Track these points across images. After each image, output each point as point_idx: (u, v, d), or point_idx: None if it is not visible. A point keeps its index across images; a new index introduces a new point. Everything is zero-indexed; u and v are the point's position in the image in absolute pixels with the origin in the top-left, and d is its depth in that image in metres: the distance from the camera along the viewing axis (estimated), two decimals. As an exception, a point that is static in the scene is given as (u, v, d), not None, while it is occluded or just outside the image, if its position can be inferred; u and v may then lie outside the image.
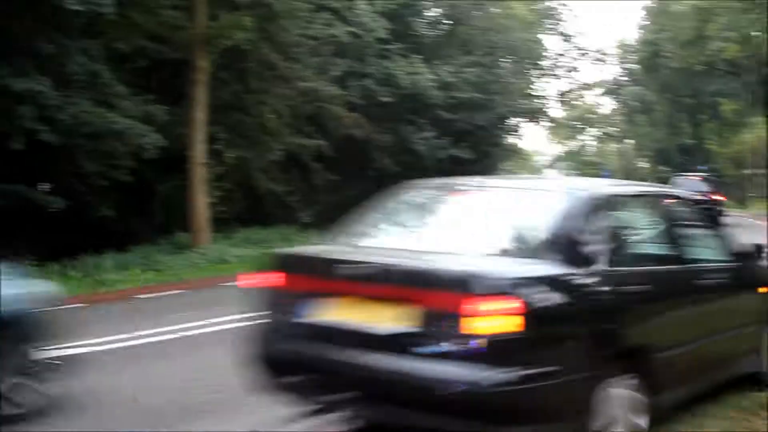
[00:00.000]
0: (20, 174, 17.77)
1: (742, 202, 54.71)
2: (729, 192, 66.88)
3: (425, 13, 37.71)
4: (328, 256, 5.77)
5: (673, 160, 72.70)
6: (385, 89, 30.90)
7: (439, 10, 38.08)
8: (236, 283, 16.38)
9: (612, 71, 72.24)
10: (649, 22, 60.19)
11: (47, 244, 18.35)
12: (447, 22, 38.56)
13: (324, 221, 28.88)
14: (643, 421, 5.55)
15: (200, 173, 21.34)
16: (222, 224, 23.62)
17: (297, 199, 27.37)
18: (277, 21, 24.29)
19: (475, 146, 35.85)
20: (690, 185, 29.34)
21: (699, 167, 63.28)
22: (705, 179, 34.82)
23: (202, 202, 21.38)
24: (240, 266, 19.68)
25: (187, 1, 21.44)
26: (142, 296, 14.87)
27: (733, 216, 30.50)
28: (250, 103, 24.77)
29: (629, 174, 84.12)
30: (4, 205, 16.80)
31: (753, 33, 43.72)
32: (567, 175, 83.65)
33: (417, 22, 36.10)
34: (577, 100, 73.62)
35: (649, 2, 60.25)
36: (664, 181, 29.77)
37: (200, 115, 21.31)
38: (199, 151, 21.32)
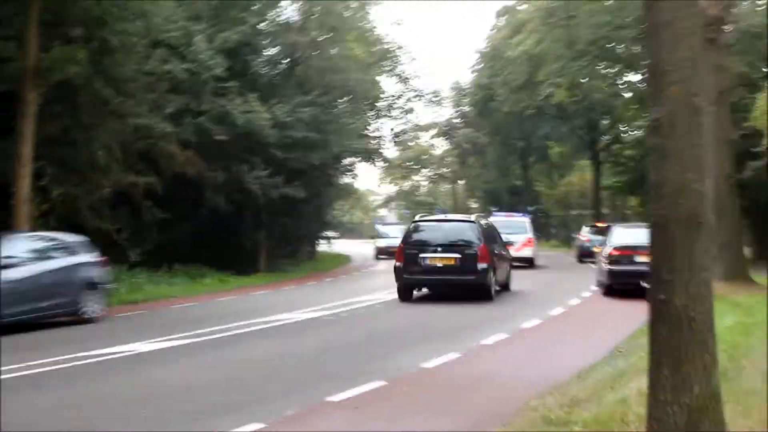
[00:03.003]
0: None
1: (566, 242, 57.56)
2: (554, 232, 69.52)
3: (264, 52, 37.71)
4: None
5: (503, 200, 75.33)
6: (220, 127, 30.63)
7: (278, 49, 38.15)
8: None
9: (446, 113, 74.14)
10: (482, 66, 62.29)
11: None
12: (285, 61, 38.69)
13: (155, 259, 28.41)
14: None
15: (25, 210, 20.67)
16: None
17: (126, 237, 26.71)
18: (111, 55, 23.90)
19: (308, 185, 35.98)
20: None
21: (527, 208, 66.01)
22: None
23: (25, 240, 20.63)
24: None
25: (17, 32, 20.88)
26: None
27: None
28: (81, 138, 24.18)
29: (461, 213, 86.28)
30: None
31: (581, 80, 46.20)
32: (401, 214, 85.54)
33: (255, 61, 36.07)
34: (411, 141, 75.13)
35: (483, 47, 62.41)
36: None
37: (26, 149, 20.68)
38: (24, 187, 20.67)
